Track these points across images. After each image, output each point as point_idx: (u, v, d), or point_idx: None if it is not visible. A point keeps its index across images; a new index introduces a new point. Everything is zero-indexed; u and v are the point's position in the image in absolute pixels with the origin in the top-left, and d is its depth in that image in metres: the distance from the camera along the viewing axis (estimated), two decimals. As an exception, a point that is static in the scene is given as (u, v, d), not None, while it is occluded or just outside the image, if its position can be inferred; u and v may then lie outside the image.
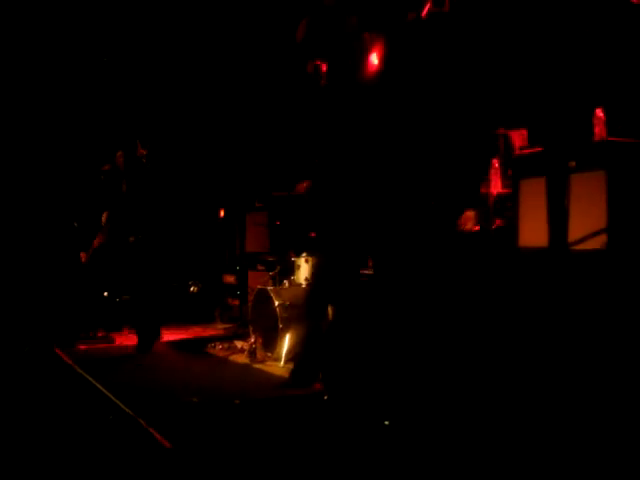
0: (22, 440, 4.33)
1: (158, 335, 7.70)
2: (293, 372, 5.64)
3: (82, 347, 7.80)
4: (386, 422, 4.33)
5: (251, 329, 7.16)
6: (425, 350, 4.58)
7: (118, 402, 5.17)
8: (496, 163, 5.80)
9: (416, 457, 3.84)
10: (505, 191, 5.72)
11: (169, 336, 8.43)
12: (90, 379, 6.01)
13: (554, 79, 5.88)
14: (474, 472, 3.60)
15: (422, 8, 7.29)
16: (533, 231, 5.17)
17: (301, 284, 7.07)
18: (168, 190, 7.77)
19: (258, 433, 4.42)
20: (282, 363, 6.53)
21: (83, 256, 8.84)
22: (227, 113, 9.87)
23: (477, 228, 5.71)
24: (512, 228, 5.40)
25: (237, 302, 8.89)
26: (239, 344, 7.50)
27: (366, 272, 5.90)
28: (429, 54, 7.33)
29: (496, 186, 5.78)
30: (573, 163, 4.98)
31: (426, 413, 4.40)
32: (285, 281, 7.25)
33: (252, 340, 6.97)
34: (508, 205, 5.67)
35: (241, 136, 9.88)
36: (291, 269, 7.29)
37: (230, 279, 9.15)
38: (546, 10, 6.00)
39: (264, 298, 6.93)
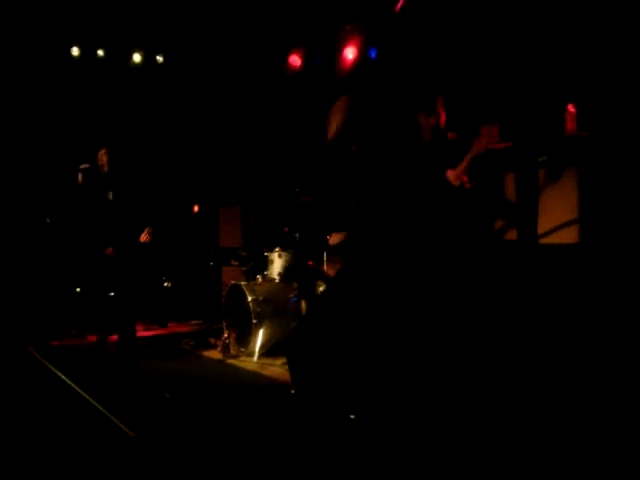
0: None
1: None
2: None
3: (54, 344, 7.73)
4: (352, 416, 4.33)
5: (224, 324, 7.14)
6: (392, 345, 4.58)
7: (89, 398, 5.12)
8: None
9: (382, 452, 3.84)
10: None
11: (142, 332, 8.37)
12: (61, 375, 5.95)
13: (527, 74, 5.91)
14: (440, 466, 3.61)
15: (396, 3, 7.32)
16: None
17: (274, 279, 7.06)
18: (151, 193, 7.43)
19: (228, 427, 4.41)
20: (255, 358, 6.52)
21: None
22: (200, 108, 9.82)
23: None
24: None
25: (211, 297, 8.85)
26: (212, 340, 7.48)
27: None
28: (401, 49, 7.35)
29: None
30: (544, 158, 5.01)
31: (392, 407, 4.40)
32: (258, 276, 7.23)
33: (225, 335, 6.95)
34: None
35: (214, 132, 9.84)
36: (264, 264, 7.27)
37: (204, 274, 9.11)
38: (519, 7, 6.03)
39: (237, 293, 6.90)
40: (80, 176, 6.90)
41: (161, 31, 9.10)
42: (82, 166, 7.01)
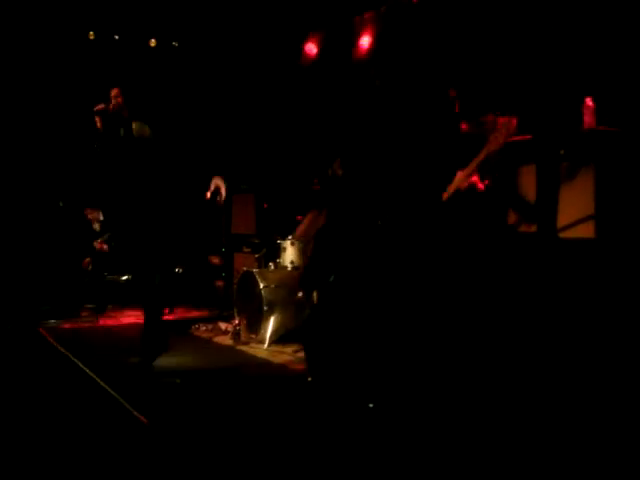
0: (5, 417, 4.33)
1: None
2: None
3: (66, 326, 7.77)
4: (370, 405, 4.33)
5: (236, 311, 7.14)
6: (410, 332, 4.58)
7: (100, 381, 5.15)
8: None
9: (400, 440, 3.84)
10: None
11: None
12: (72, 358, 5.98)
13: (545, 66, 5.87)
14: (460, 456, 3.61)
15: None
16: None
17: (287, 267, 7.06)
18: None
19: (241, 414, 4.42)
20: (266, 345, 6.53)
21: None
22: (215, 95, 9.79)
23: None
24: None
25: (222, 284, 8.86)
26: (223, 326, 7.48)
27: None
28: (419, 38, 7.31)
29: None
30: (561, 151, 4.98)
31: (411, 396, 4.40)
32: (271, 263, 7.22)
33: (236, 322, 6.95)
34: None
35: (228, 118, 9.82)
36: (277, 251, 7.26)
37: (215, 260, 9.10)
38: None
39: (249, 280, 6.90)
40: (98, 120, 5.87)
41: (178, 17, 9.08)
42: (97, 107, 5.83)
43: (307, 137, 8.78)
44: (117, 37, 9.16)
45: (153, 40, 9.43)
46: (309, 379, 4.89)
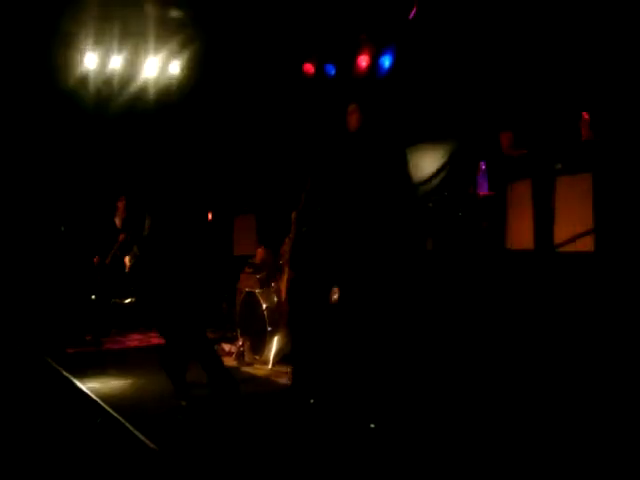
0: (10, 442, 4.32)
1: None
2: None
3: (70, 351, 7.76)
4: (372, 425, 4.33)
5: (239, 332, 7.14)
6: (411, 353, 4.59)
7: (105, 406, 5.14)
8: (483, 165, 5.80)
9: (402, 461, 3.83)
10: (491, 193, 5.72)
11: (156, 339, 8.39)
12: (77, 383, 5.98)
13: (541, 82, 5.91)
14: (462, 474, 3.60)
15: (410, 11, 7.34)
16: (520, 233, 5.20)
17: (289, 287, 7.06)
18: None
19: (247, 436, 4.42)
20: (270, 366, 6.53)
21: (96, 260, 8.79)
22: (214, 117, 9.84)
23: None
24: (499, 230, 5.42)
25: (225, 305, 8.86)
26: (227, 347, 7.46)
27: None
28: (416, 57, 7.37)
29: (482, 188, 5.78)
30: (559, 165, 5.00)
31: (412, 417, 4.40)
32: (273, 284, 7.22)
33: (240, 343, 6.96)
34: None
35: (229, 139, 9.86)
36: (279, 272, 7.26)
37: (218, 282, 9.10)
38: (534, 16, 6.04)
39: (252, 301, 6.91)
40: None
41: (178, 41, 9.15)
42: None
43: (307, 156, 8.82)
44: (115, 63, 9.22)
45: (153, 65, 9.49)
46: (312, 401, 4.89)
